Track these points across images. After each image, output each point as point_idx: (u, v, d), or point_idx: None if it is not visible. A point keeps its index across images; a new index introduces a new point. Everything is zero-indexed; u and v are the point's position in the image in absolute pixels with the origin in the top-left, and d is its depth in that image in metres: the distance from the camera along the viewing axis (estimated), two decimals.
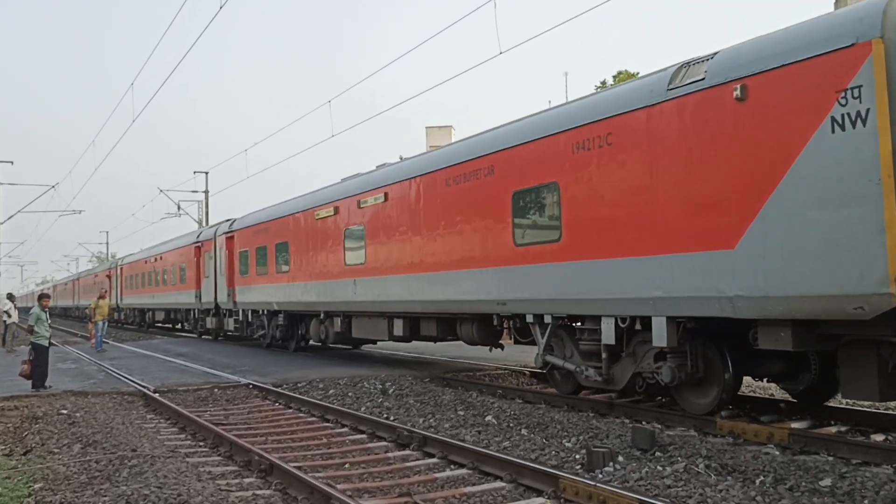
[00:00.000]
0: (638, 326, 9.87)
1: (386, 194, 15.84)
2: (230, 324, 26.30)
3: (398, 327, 15.93)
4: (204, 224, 42.07)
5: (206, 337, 31.19)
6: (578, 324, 11.25)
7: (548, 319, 11.38)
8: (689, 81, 8.97)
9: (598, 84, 36.30)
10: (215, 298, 27.22)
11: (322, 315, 19.34)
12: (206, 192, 44.36)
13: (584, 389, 11.95)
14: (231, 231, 25.77)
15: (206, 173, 44.18)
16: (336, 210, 18.13)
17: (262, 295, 22.75)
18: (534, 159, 11.49)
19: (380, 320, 16.69)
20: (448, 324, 14.69)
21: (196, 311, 30.79)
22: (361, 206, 16.84)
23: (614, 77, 35.94)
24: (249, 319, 24.50)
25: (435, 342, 16.95)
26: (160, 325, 40.31)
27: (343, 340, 19.69)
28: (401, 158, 17.54)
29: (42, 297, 16.63)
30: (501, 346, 14.54)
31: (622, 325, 10.03)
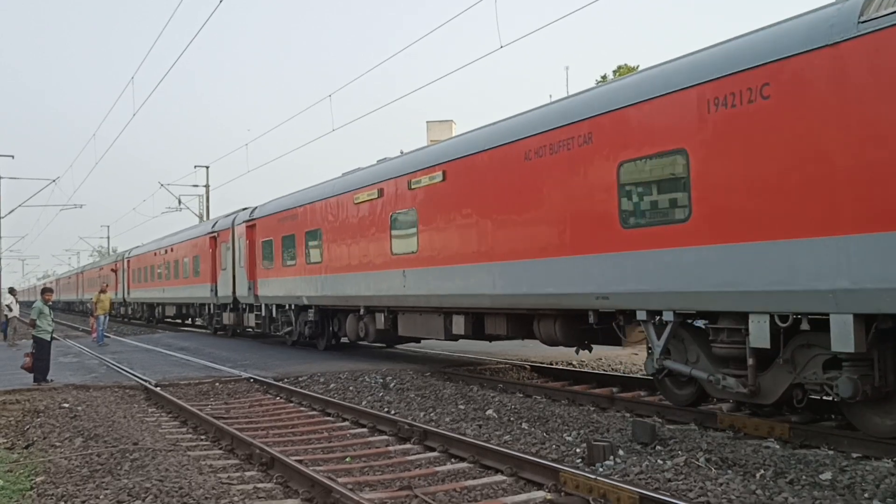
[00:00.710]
0: (805, 326, 7.98)
1: (444, 172, 13.79)
2: (250, 319, 24.12)
3: (458, 325, 13.96)
4: (205, 218, 42.03)
5: (222, 333, 29.24)
6: (703, 323, 9.39)
7: (668, 317, 9.34)
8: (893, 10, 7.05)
9: (599, 78, 36.23)
10: (233, 292, 25.29)
11: (362, 311, 17.08)
12: (207, 186, 44.36)
13: (707, 401, 10.20)
14: (252, 219, 23.63)
15: (207, 167, 44.23)
16: (380, 192, 15.85)
17: (288, 288, 20.67)
18: (650, 123, 9.49)
19: (434, 317, 14.68)
20: (521, 321, 12.73)
21: (211, 305, 28.82)
22: (413, 186, 14.75)
23: (615, 71, 35.86)
24: (273, 315, 22.28)
25: (490, 341, 15.34)
26: (170, 320, 38.39)
27: (386, 339, 17.72)
28: (401, 153, 17.43)
29: (44, 291, 16.67)
30: (590, 348, 12.36)
31: (781, 325, 8.05)
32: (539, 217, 11.44)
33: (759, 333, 8.17)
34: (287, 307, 21.24)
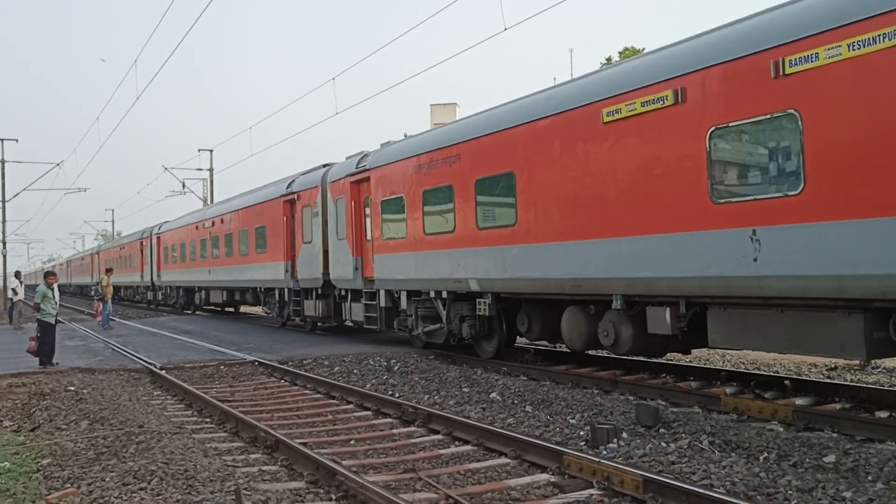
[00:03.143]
0: None
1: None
2: (355, 311, 17.92)
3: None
4: (209, 202, 41.97)
5: (299, 328, 22.71)
6: None
7: None
8: None
9: (604, 60, 35.99)
10: (323, 273, 19.07)
11: (619, 302, 10.49)
12: (211, 169, 44.32)
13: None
14: (362, 171, 17.13)
15: (211, 151, 44.11)
16: (681, 95, 9.26)
17: (436, 267, 14.37)
18: None
19: (824, 317, 8.09)
20: None
21: (286, 290, 22.11)
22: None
23: (620, 53, 35.62)
24: (402, 305, 15.82)
25: None
26: (213, 307, 32.67)
27: (658, 349, 11.35)
28: (405, 135, 17.13)
29: (48, 274, 16.71)
30: None
31: None
32: None
33: None
34: (428, 295, 14.86)
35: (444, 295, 14.33)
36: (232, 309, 33.62)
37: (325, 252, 18.95)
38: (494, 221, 12.88)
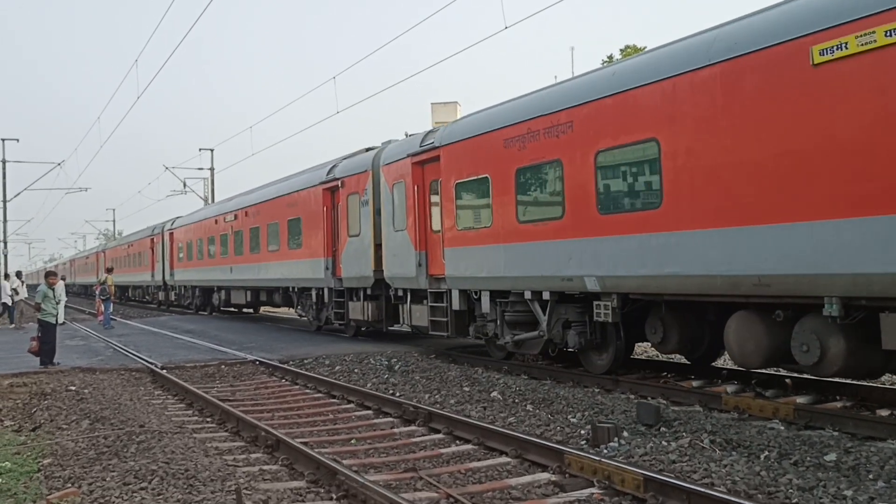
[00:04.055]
0: None
1: None
2: (418, 314, 15.13)
3: None
4: (210, 201, 41.93)
5: (334, 330, 20.11)
6: None
7: None
8: None
9: (605, 59, 35.99)
10: (374, 270, 16.54)
11: (834, 306, 7.79)
12: (212, 168, 44.43)
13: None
14: (428, 149, 14.38)
15: (212, 150, 44.17)
16: None
17: (534, 262, 11.70)
18: None
19: None
20: None
21: (325, 290, 19.35)
22: None
23: (622, 51, 35.62)
24: (483, 308, 13.07)
25: None
26: (233, 308, 30.13)
27: None
28: (405, 133, 17.08)
29: (48, 274, 16.73)
30: None
31: None
32: None
33: None
34: (522, 296, 12.16)
35: (546, 296, 11.61)
36: (251, 310, 30.90)
37: (377, 246, 16.46)
38: (625, 203, 10.18)
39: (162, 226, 37.83)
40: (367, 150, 17.94)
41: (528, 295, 12.02)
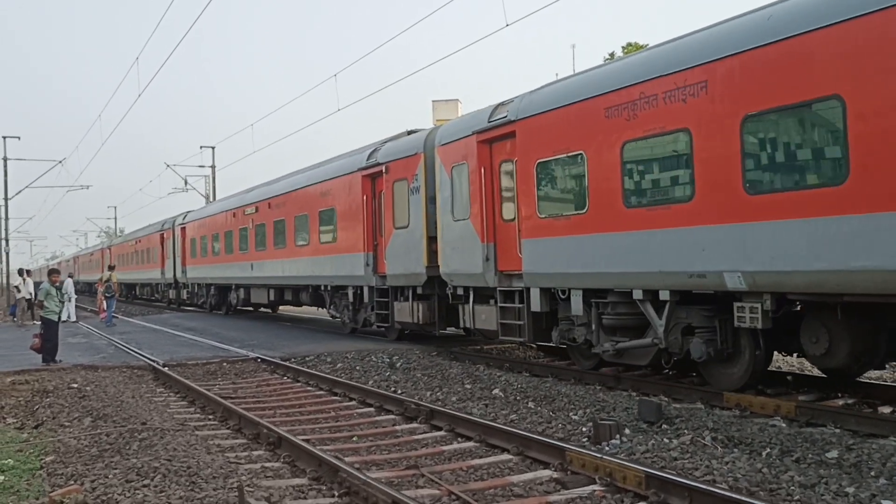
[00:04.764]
0: None
1: None
2: (484, 316, 13.31)
3: None
4: (211, 199, 41.93)
5: (372, 334, 18.49)
6: None
7: None
8: None
9: (607, 56, 35.94)
10: (427, 266, 14.80)
11: None
12: (213, 166, 44.38)
13: None
14: (501, 124, 12.51)
15: (213, 148, 44.14)
16: None
17: (650, 255, 9.79)
18: None
19: None
20: None
21: (365, 289, 17.41)
22: None
23: (624, 49, 35.56)
24: (573, 309, 11.26)
25: None
26: (252, 307, 28.31)
27: None
28: (406, 131, 16.73)
29: (51, 272, 16.78)
30: None
31: None
32: None
33: None
34: (629, 295, 10.25)
35: (664, 296, 9.67)
36: (269, 310, 29.22)
37: (430, 239, 14.75)
38: (788, 180, 8.21)
39: (173, 220, 35.95)
40: (410, 132, 16.48)
41: (637, 294, 10.00)
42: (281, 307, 28.17)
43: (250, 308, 28.74)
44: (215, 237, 28.77)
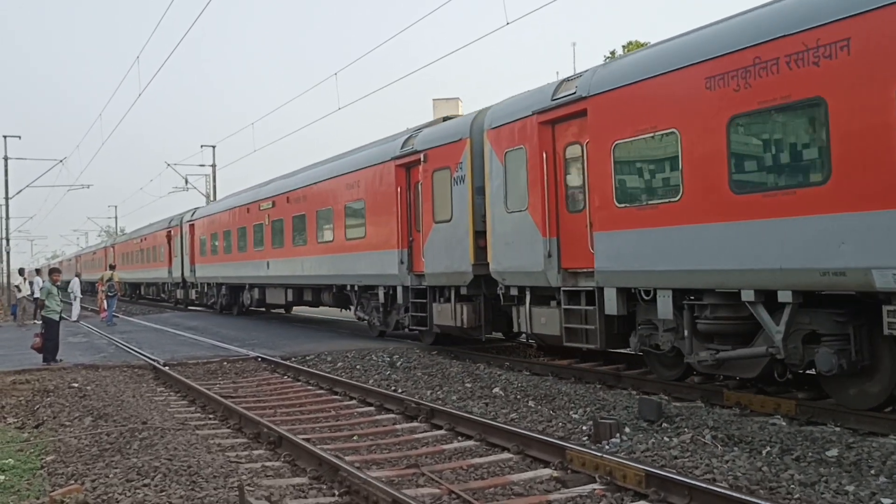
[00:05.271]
0: None
1: None
2: (544, 320, 11.90)
3: None
4: (212, 198, 41.92)
5: (402, 337, 17.35)
6: None
7: None
8: None
9: (608, 54, 35.94)
10: (474, 263, 13.51)
11: None
12: (214, 165, 44.34)
13: None
14: (569, 101, 11.11)
15: (214, 147, 44.11)
16: None
17: (764, 249, 8.34)
18: None
19: None
20: None
21: (399, 289, 15.96)
22: None
23: (624, 47, 35.55)
24: (660, 312, 9.75)
25: None
26: (262, 307, 26.69)
27: None
28: (407, 129, 16.68)
29: (52, 271, 16.80)
30: None
31: None
32: None
33: None
34: (737, 297, 8.75)
35: (785, 298, 8.15)
36: (283, 310, 27.74)
37: (477, 234, 13.49)
38: None
39: (181, 217, 34.47)
40: (445, 119, 15.58)
41: (747, 296, 8.49)
42: (295, 308, 26.75)
43: (262, 309, 27.56)
44: (227, 234, 27.28)
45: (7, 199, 42.37)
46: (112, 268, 28.71)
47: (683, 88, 9.23)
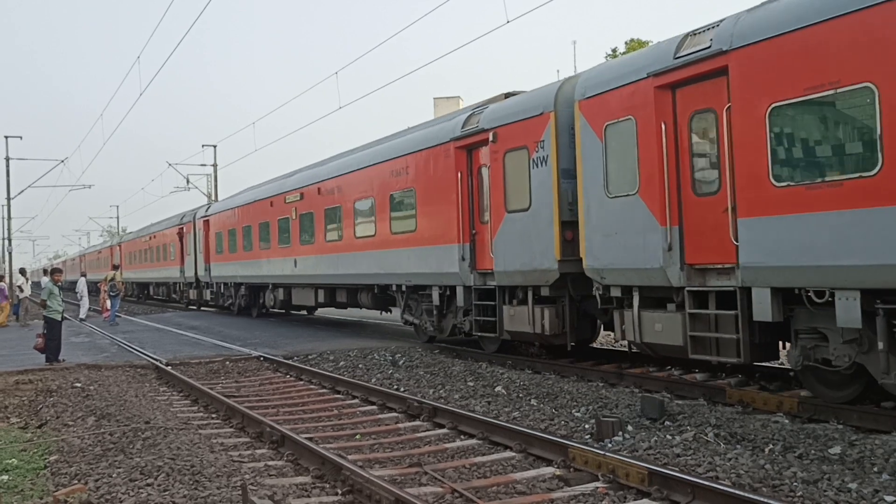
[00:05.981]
0: None
1: None
2: (660, 326, 9.86)
3: None
4: (213, 198, 41.90)
5: (458, 345, 15.18)
6: None
7: None
8: None
9: (609, 52, 35.91)
10: (560, 260, 11.59)
11: None
12: (215, 165, 44.34)
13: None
14: (700, 58, 9.02)
15: (215, 146, 44.12)
16: None
17: None
18: None
19: None
20: None
21: (459, 289, 13.99)
22: None
23: (626, 44, 35.52)
24: (851, 320, 7.49)
25: None
26: (286, 310, 25.10)
27: None
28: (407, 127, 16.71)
29: (54, 271, 16.79)
30: None
31: None
32: None
33: None
34: None
35: None
36: (305, 312, 25.98)
37: (563, 224, 11.61)
38: None
39: (193, 213, 32.48)
40: (507, 95, 13.62)
41: None
42: (319, 309, 25.02)
43: (282, 311, 25.89)
44: (247, 230, 24.94)
45: (9, 199, 42.39)
46: (116, 268, 28.70)
47: (879, 31, 7.10)
